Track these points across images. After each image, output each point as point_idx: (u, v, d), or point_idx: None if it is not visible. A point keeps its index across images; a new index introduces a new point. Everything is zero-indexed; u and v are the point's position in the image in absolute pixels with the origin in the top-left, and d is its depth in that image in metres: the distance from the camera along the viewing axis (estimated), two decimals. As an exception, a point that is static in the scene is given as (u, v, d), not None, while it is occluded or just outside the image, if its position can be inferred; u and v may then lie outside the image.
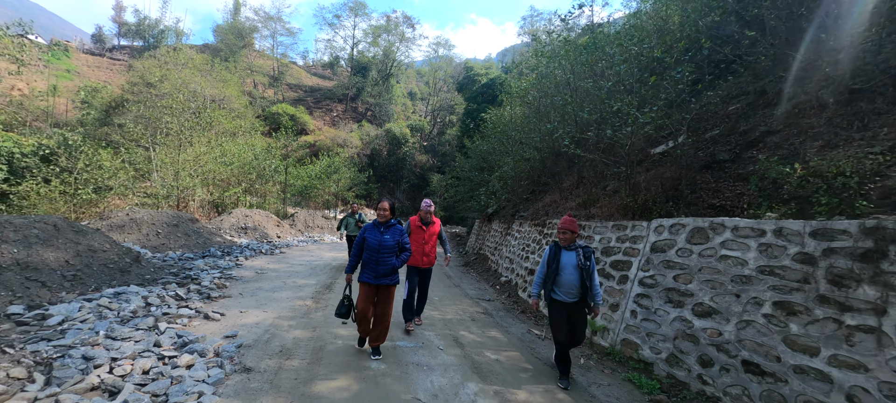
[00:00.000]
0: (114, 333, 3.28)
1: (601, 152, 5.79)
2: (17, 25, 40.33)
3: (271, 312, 4.58)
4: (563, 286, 3.31)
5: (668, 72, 5.21)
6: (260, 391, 2.71)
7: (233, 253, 8.26)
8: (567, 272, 3.29)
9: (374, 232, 3.53)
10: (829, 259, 2.68)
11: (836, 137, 4.24)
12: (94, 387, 2.46)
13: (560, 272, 3.31)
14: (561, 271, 3.32)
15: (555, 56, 7.63)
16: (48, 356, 2.79)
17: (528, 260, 6.81)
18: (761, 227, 3.15)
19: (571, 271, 3.29)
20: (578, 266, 3.28)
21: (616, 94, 5.39)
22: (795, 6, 5.51)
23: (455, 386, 3.07)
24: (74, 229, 5.20)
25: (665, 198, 5.01)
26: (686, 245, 3.70)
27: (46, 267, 4.45)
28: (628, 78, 5.60)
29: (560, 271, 3.32)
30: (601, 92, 5.62)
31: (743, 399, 2.86)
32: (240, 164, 17.65)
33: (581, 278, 3.25)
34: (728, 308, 3.17)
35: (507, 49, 63.31)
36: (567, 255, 3.34)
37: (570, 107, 6.06)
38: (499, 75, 35.51)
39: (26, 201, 11.59)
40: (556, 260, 3.35)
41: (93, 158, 12.83)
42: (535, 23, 51.62)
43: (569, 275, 3.28)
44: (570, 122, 6.42)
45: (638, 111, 4.78)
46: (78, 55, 48.21)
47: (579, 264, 3.27)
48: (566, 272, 3.30)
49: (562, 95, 6.50)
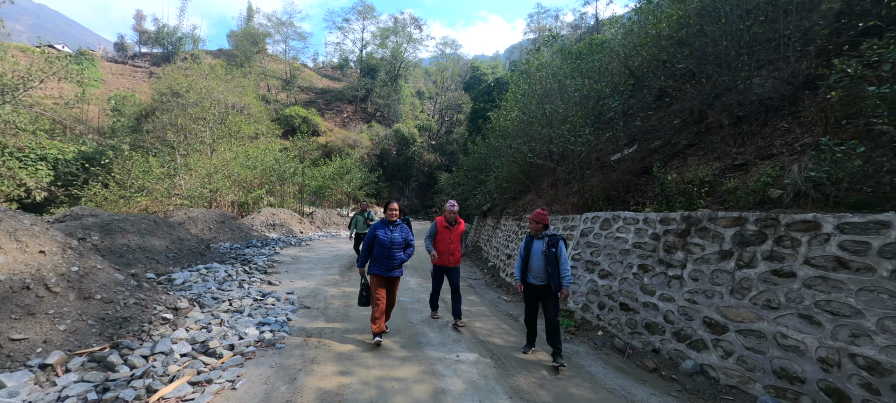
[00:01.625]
0: (221, 287, 5.24)
1: (557, 162, 7.54)
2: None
3: (312, 281, 6.52)
4: (532, 270, 3.83)
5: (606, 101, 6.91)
6: (317, 316, 4.61)
7: (270, 244, 10.30)
8: (536, 258, 3.80)
9: (384, 230, 3.92)
10: (666, 236, 4.41)
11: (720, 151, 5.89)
12: (227, 310, 4.40)
13: (531, 258, 3.85)
14: (531, 257, 3.84)
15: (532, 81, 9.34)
16: (192, 297, 4.74)
17: (508, 248, 8.60)
18: (637, 217, 4.89)
19: (539, 257, 3.78)
20: (544, 253, 3.74)
21: (569, 117, 7.11)
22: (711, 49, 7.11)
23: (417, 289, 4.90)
24: (166, 224, 7.25)
25: (605, 197, 6.74)
26: (599, 231, 5.46)
27: (155, 250, 6.48)
28: (574, 106, 7.33)
29: (530, 257, 3.85)
30: (556, 115, 7.37)
31: (618, 326, 4.62)
32: (263, 168, 19.82)
33: (546, 263, 3.73)
34: (616, 271, 4.92)
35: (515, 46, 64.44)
36: (536, 243, 3.86)
37: (535, 125, 7.84)
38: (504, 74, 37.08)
39: (92, 203, 13.91)
40: (528, 248, 3.89)
41: (144, 164, 15.07)
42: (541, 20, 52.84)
43: (537, 261, 3.79)
44: (534, 137, 8.19)
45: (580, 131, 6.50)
46: (102, 63, 51.70)
47: (545, 250, 3.74)
48: (535, 258, 3.81)
49: (529, 115, 8.27)
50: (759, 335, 3.26)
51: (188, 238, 7.38)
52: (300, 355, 3.48)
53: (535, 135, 8.22)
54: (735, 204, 4.16)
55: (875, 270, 2.75)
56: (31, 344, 2.82)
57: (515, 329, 4.84)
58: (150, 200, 16.26)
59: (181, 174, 17.31)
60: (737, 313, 3.47)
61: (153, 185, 15.10)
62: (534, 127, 8.13)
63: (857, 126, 3.92)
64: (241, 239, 10.27)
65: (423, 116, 54.34)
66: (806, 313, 3.03)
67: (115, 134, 31.78)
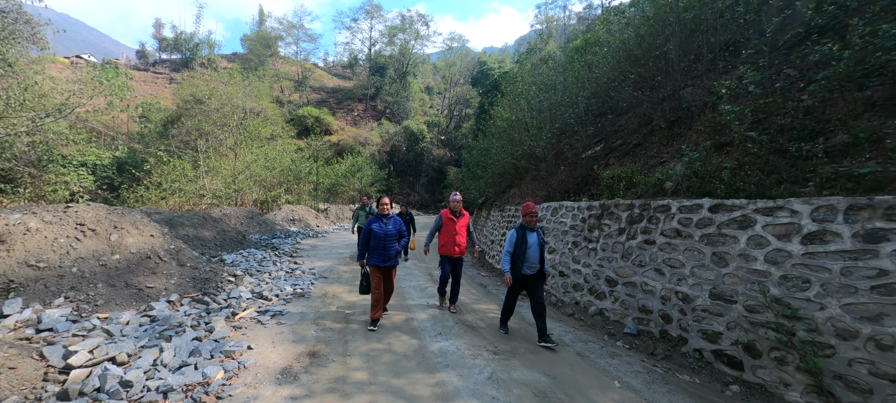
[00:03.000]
0: (260, 265, 7.08)
1: (528, 160, 9.07)
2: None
3: (327, 262, 8.31)
4: (528, 260, 3.97)
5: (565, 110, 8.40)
6: (332, 282, 6.38)
7: (291, 236, 12.22)
8: (532, 249, 3.96)
9: (379, 224, 4.25)
10: (589, 220, 5.95)
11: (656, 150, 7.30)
12: (268, 278, 6.21)
13: (527, 250, 3.95)
14: (527, 249, 3.95)
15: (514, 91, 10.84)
16: (242, 270, 6.58)
17: (494, 235, 10.21)
18: (573, 205, 6.43)
19: (535, 248, 3.97)
20: (539, 244, 3.99)
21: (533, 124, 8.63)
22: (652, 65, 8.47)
23: (424, 286, 6.60)
24: (212, 218, 9.18)
25: (566, 190, 8.24)
26: (549, 217, 7.02)
27: (206, 239, 8.40)
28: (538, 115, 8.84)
29: (527, 249, 3.95)
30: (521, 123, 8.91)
31: (556, 288, 6.21)
32: (281, 169, 21.91)
33: (540, 253, 4.02)
34: (558, 247, 6.49)
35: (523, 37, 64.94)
36: (531, 235, 4.02)
37: (512, 131, 9.37)
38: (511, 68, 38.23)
39: (138, 202, 16.20)
40: (524, 241, 3.98)
41: (180, 168, 17.30)
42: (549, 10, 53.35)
43: (534, 251, 3.96)
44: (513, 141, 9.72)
45: (540, 137, 8.03)
46: (126, 71, 55.43)
47: (540, 241, 3.99)
48: (532, 250, 3.96)
49: (509, 121, 9.81)
50: (634, 285, 4.81)
51: (228, 230, 9.30)
52: (321, 300, 5.25)
53: (513, 139, 9.78)
54: (640, 194, 5.66)
55: (693, 236, 4.26)
56: (158, 290, 4.65)
57: (472, 287, 6.48)
58: (183, 199, 18.53)
59: (208, 176, 19.53)
60: (623, 271, 5.02)
61: (185, 186, 17.30)
62: (512, 132, 9.69)
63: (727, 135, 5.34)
64: (267, 232, 12.22)
65: (432, 111, 55.91)
66: (658, 267, 4.56)
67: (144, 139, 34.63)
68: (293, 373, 3.12)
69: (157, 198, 16.40)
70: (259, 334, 3.93)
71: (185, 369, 2.91)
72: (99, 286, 4.30)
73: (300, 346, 3.70)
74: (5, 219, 4.46)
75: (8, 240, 4.25)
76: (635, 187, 6.12)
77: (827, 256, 3.13)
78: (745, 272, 3.64)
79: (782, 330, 3.22)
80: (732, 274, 3.74)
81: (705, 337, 3.85)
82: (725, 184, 4.29)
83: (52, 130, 16.26)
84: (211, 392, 2.68)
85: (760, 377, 3.35)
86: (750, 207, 3.79)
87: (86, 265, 4.45)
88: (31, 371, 2.67)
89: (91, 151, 27.11)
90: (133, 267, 4.73)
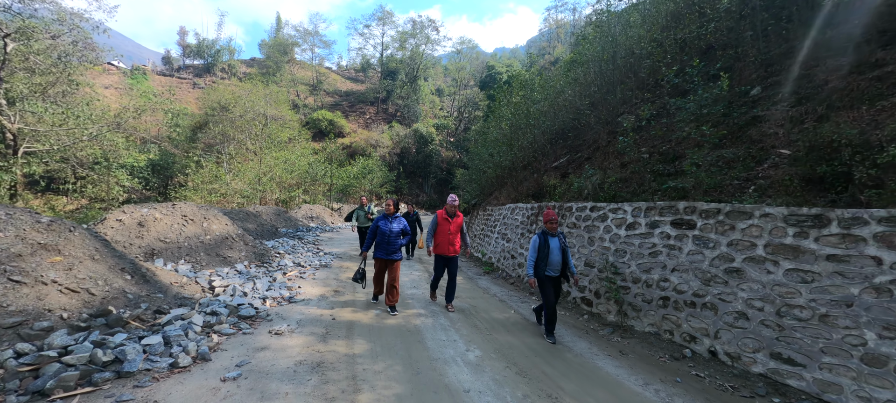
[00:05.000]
0: (293, 249, 9.80)
1: (505, 170, 11.53)
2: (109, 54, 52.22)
3: (342, 249, 10.98)
4: (552, 264, 4.33)
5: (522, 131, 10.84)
6: (346, 260, 9.02)
7: (312, 230, 15.00)
8: (554, 253, 4.32)
9: (385, 222, 5.03)
10: (531, 216, 8.41)
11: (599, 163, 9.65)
12: (303, 255, 8.90)
13: (549, 254, 4.29)
14: (550, 253, 4.29)
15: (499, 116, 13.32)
16: (283, 251, 9.29)
17: (480, 231, 12.69)
18: (524, 206, 8.90)
19: (557, 252, 4.32)
20: (561, 248, 4.33)
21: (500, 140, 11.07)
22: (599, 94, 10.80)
23: (419, 278, 9.16)
24: (252, 214, 11.98)
25: (528, 194, 10.66)
26: (509, 215, 9.49)
27: (250, 229, 11.18)
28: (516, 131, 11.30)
29: (549, 253, 4.29)
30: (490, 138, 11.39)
31: (509, 267, 8.67)
32: (300, 172, 24.90)
33: (563, 257, 4.40)
34: (512, 237, 8.96)
35: (533, 39, 66.83)
36: (553, 240, 4.40)
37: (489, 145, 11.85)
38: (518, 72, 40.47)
39: (182, 200, 19.32)
40: (546, 245, 4.35)
41: (215, 170, 20.40)
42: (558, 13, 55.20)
43: (555, 256, 4.33)
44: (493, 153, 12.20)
45: (505, 153, 10.51)
46: (152, 77, 60.15)
47: (562, 246, 4.34)
48: (553, 254, 4.32)
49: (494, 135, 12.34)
50: (549, 260, 7.24)
51: (265, 223, 12.10)
52: (338, 270, 7.89)
53: (499, 150, 12.32)
54: (563, 198, 8.05)
55: (579, 226, 6.67)
56: (235, 258, 7.36)
57: (455, 270, 8.99)
58: (216, 198, 21.66)
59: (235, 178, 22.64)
60: (545, 251, 7.45)
61: (217, 186, 20.39)
62: (498, 145, 12.21)
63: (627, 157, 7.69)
64: (291, 226, 15.04)
65: (441, 113, 58.47)
66: (562, 247, 6.98)
67: (173, 142, 38.37)
68: (326, 297, 5.75)
69: (194, 197, 19.50)
70: (303, 282, 6.58)
71: (270, 292, 5.55)
72: (201, 254, 7.03)
73: (327, 288, 6.33)
74: (140, 212, 7.25)
75: (146, 224, 7.02)
76: (567, 193, 8.52)
77: (634, 236, 5.54)
78: (600, 248, 6.06)
79: (611, 281, 5.62)
80: (595, 250, 6.17)
81: (577, 288, 6.29)
82: (606, 192, 6.68)
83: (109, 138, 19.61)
84: (286, 298, 5.31)
85: (599, 309, 5.78)
86: (607, 207, 6.21)
87: (191, 242, 7.19)
88: (196, 287, 5.35)
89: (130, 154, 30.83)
90: (218, 244, 7.46)
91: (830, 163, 4.21)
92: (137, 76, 59.00)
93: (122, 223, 6.72)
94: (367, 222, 9.12)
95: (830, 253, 3.53)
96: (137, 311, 3.82)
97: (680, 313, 4.61)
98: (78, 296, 3.62)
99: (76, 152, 19.22)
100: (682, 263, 4.73)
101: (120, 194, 20.91)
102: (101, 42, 19.42)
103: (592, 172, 7.34)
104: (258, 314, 4.60)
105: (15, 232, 3.79)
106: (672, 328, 4.66)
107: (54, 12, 16.36)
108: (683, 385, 3.61)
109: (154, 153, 36.89)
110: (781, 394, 3.43)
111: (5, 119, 15.55)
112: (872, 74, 5.28)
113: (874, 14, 5.75)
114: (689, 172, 5.49)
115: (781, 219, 3.94)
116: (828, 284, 3.48)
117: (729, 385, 3.61)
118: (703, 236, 4.61)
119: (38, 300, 3.35)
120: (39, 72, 17.08)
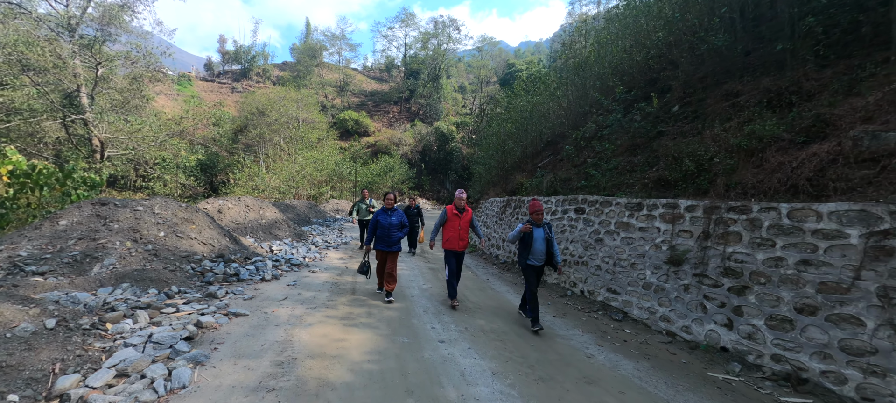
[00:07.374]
0: (322, 233, 12.94)
1: (498, 170, 14.13)
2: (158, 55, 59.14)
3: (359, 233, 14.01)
4: (535, 254, 4.76)
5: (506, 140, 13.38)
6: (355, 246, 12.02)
7: (338, 220, 18.24)
8: (538, 243, 4.73)
9: (384, 216, 5.45)
10: (503, 206, 11.01)
11: (564, 165, 12.05)
12: (329, 238, 11.99)
13: (533, 243, 4.69)
14: (534, 242, 4.69)
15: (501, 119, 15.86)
16: (316, 233, 12.44)
17: (473, 221, 15.38)
18: (500, 198, 11.50)
19: (541, 242, 4.72)
20: (546, 238, 4.72)
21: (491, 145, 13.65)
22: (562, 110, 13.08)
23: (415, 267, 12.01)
24: (291, 206, 15.29)
25: (512, 189, 13.20)
26: (489, 206, 12.12)
27: (289, 218, 14.46)
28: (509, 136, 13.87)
29: (533, 242, 4.69)
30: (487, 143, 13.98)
31: (499, 254, 11.31)
32: (328, 170, 28.44)
33: (546, 247, 4.79)
34: (490, 223, 11.59)
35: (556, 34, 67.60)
36: (537, 230, 4.80)
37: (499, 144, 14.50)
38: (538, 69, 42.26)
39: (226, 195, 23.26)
40: (530, 235, 4.72)
41: (257, 169, 24.21)
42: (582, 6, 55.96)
43: (539, 246, 4.73)
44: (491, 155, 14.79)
45: (492, 156, 13.12)
46: (196, 82, 66.82)
47: (546, 236, 4.74)
48: (537, 243, 4.73)
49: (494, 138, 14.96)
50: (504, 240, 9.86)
51: (300, 214, 15.38)
52: (354, 246, 10.86)
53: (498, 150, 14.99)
54: (525, 192, 10.55)
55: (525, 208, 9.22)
56: (283, 236, 10.51)
57: (445, 250, 11.76)
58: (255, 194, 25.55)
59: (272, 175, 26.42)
60: (503, 234, 10.05)
61: (257, 183, 24.16)
62: (500, 145, 14.90)
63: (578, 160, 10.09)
64: (321, 217, 18.36)
65: (463, 111, 60.98)
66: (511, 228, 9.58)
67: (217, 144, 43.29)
68: (343, 259, 8.71)
69: (238, 192, 23.34)
70: (328, 252, 9.59)
71: (308, 254, 8.58)
72: (260, 232, 10.21)
73: (344, 254, 9.30)
74: (218, 202, 10.52)
75: (224, 211, 10.27)
76: (530, 189, 11.01)
77: (555, 220, 8.04)
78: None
79: (540, 251, 8.15)
80: (535, 230, 8.72)
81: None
82: (547, 189, 9.18)
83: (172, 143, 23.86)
84: (317, 258, 8.32)
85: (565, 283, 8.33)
86: (543, 200, 8.74)
87: (253, 223, 10.39)
88: (262, 249, 8.45)
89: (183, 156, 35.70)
90: (271, 226, 10.64)
91: (671, 169, 6.56)
92: (183, 82, 65.88)
93: (208, 210, 9.99)
94: (367, 215, 9.72)
95: (641, 226, 5.98)
96: (237, 256, 6.87)
97: (570, 269, 7.14)
98: (207, 247, 6.71)
99: (145, 155, 23.62)
100: (576, 237, 7.25)
101: (176, 189, 25.22)
102: (164, 61, 23.67)
103: (543, 173, 9.84)
104: (302, 264, 7.61)
105: (171, 212, 6.94)
106: (565, 279, 7.20)
107: (132, 45, 20.54)
108: (563, 309, 6.18)
109: (202, 154, 41.98)
110: (605, 311, 5.95)
111: (95, 130, 19.86)
112: (729, 102, 7.50)
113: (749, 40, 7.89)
114: (593, 174, 7.93)
115: (625, 206, 6.40)
116: (637, 245, 5.93)
117: (582, 307, 6.16)
118: (588, 217, 7.10)
119: (190, 246, 6.43)
120: (118, 90, 21.41)
